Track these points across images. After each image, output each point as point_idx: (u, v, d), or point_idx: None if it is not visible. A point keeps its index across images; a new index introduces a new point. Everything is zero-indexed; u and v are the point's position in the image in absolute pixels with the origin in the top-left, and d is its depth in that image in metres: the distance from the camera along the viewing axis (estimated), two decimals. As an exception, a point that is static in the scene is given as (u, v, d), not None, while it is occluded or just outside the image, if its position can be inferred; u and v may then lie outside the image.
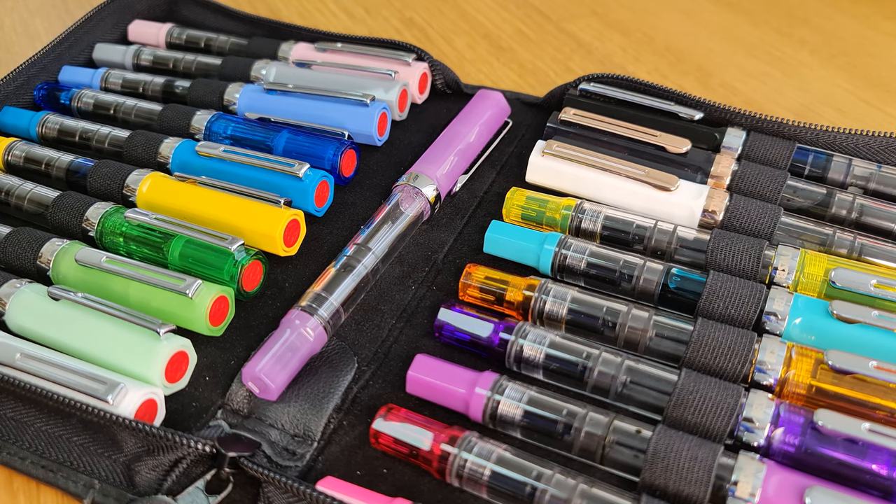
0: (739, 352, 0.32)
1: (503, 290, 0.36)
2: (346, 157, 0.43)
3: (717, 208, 0.38)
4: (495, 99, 0.47)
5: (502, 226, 0.39)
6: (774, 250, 0.36)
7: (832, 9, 0.62)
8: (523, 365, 0.33)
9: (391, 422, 0.31)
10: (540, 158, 0.42)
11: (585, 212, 0.39)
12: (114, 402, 0.31)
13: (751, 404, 0.30)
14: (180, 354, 0.34)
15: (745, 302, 0.34)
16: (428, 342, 0.36)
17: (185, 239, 0.37)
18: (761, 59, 0.57)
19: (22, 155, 0.44)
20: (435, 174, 0.41)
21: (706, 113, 0.43)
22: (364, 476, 0.31)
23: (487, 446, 0.29)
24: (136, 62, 0.52)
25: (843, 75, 0.55)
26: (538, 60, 0.57)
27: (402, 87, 0.47)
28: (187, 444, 0.30)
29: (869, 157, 0.41)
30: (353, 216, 0.42)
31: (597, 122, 0.43)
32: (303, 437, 0.32)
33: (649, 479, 0.28)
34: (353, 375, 0.34)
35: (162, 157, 0.43)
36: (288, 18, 0.63)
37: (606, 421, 0.30)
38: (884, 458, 0.28)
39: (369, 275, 0.37)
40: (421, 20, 0.62)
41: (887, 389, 0.30)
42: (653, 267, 0.36)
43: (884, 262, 0.36)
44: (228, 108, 0.47)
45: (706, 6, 0.63)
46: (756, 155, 0.41)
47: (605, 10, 0.63)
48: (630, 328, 0.34)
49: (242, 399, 0.33)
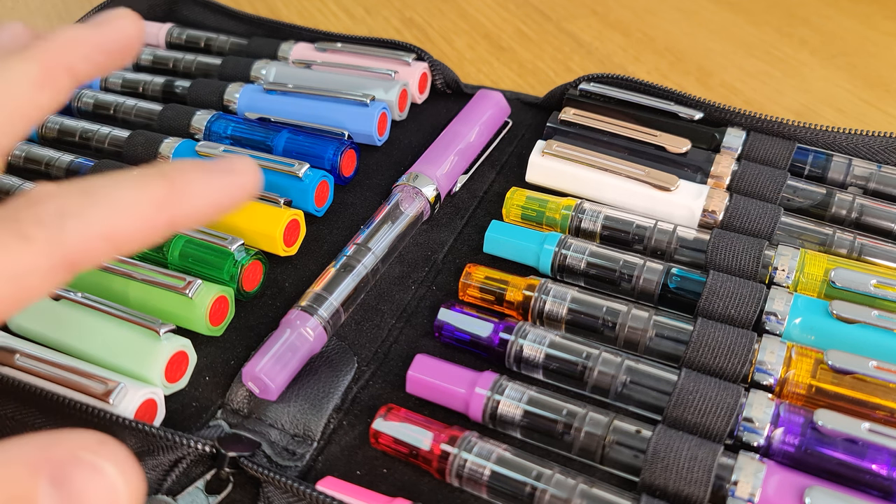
0: (739, 352, 0.32)
1: (503, 290, 0.36)
2: (346, 157, 0.43)
3: (717, 208, 0.38)
4: (495, 99, 0.47)
5: (502, 226, 0.39)
6: (774, 250, 0.36)
7: (832, 9, 0.62)
8: (523, 365, 0.33)
9: (391, 422, 0.31)
10: (540, 158, 0.42)
11: (585, 212, 0.39)
12: (114, 402, 0.31)
13: (751, 404, 0.30)
14: (180, 354, 0.34)
15: (745, 302, 0.34)
16: (428, 342, 0.36)
17: (185, 238, 0.37)
18: (761, 59, 0.57)
19: (22, 155, 0.44)
20: (435, 174, 0.41)
21: (706, 113, 0.43)
22: (364, 476, 0.31)
23: (487, 446, 0.29)
24: (136, 62, 0.52)
25: (843, 75, 0.55)
26: (538, 60, 0.57)
27: (401, 86, 0.47)
28: (187, 444, 0.30)
29: (869, 157, 0.41)
30: (353, 216, 0.42)
31: (597, 122, 0.43)
32: (303, 437, 0.32)
33: (649, 479, 0.28)
34: (353, 375, 0.34)
35: (162, 157, 0.43)
36: (288, 18, 0.63)
37: (606, 421, 0.30)
38: (884, 458, 0.28)
39: (369, 275, 0.37)
40: (421, 20, 0.62)
41: (887, 389, 0.30)
42: (653, 267, 0.36)
43: (884, 262, 0.36)
44: (228, 108, 0.47)
45: (706, 6, 0.63)
46: (756, 155, 0.41)
47: (605, 10, 0.63)
48: (630, 328, 0.34)
49: (242, 399, 0.33)
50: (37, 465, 0.18)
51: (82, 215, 0.22)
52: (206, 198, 0.24)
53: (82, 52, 0.27)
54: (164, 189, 0.23)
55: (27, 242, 0.21)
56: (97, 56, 0.27)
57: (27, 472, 0.18)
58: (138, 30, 0.28)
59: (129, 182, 0.23)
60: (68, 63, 0.27)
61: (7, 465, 0.18)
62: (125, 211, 0.22)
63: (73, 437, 0.19)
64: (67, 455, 0.19)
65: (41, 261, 0.21)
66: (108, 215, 0.22)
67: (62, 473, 0.18)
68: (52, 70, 0.26)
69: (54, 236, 0.21)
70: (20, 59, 0.26)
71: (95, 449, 0.19)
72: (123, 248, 0.23)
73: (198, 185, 0.24)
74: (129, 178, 0.23)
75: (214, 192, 0.24)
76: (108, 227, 0.22)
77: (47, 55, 0.26)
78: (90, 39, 0.27)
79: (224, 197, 0.25)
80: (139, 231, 0.23)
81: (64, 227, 0.21)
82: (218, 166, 0.25)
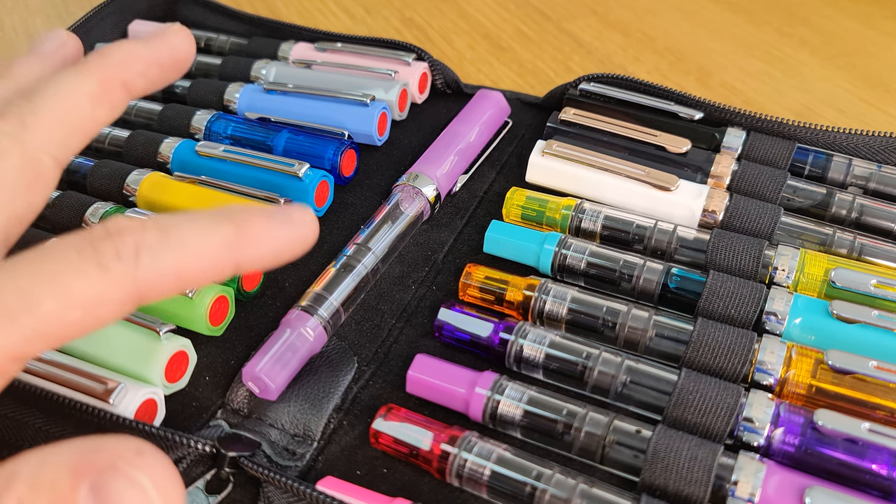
0: (739, 352, 0.32)
1: (503, 290, 0.36)
2: (346, 156, 0.43)
3: (717, 208, 0.38)
4: (495, 99, 0.47)
5: (502, 226, 0.39)
6: (774, 250, 0.36)
7: (832, 9, 0.62)
8: (523, 365, 0.33)
9: (391, 422, 0.31)
10: (540, 158, 0.42)
11: (585, 212, 0.39)
12: (114, 402, 0.31)
13: (751, 404, 0.30)
14: (180, 354, 0.34)
15: (745, 302, 0.34)
16: (428, 342, 0.36)
17: (185, 239, 0.37)
18: (761, 59, 0.57)
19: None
20: (435, 174, 0.41)
21: (706, 113, 0.43)
22: (364, 476, 0.31)
23: (487, 446, 0.29)
24: (136, 62, 0.52)
25: (843, 75, 0.55)
26: (538, 60, 0.57)
27: (402, 86, 0.47)
28: (187, 444, 0.30)
29: (869, 157, 0.41)
30: (353, 216, 0.42)
31: (597, 122, 0.43)
32: (303, 436, 0.32)
33: (649, 479, 0.28)
34: (353, 375, 0.34)
35: (162, 156, 0.43)
36: (288, 18, 0.63)
37: (606, 421, 0.30)
38: (884, 458, 0.28)
39: (369, 275, 0.37)
40: (421, 20, 0.62)
41: (887, 389, 0.30)
42: (653, 267, 0.36)
43: (884, 262, 0.36)
44: (228, 108, 0.47)
45: (706, 6, 0.63)
46: (756, 155, 0.41)
47: (605, 10, 0.63)
48: (630, 328, 0.34)
49: (242, 399, 0.33)
50: (79, 471, 0.19)
51: (158, 252, 0.23)
52: (268, 245, 0.25)
53: (138, 67, 0.28)
54: (232, 233, 0.24)
55: (105, 272, 0.22)
56: (152, 72, 0.28)
57: (70, 477, 0.19)
58: (191, 46, 0.29)
59: (201, 223, 0.24)
60: (124, 78, 0.27)
61: (52, 469, 0.19)
62: (196, 251, 0.23)
63: (114, 445, 0.19)
64: (107, 463, 0.19)
65: (115, 292, 0.22)
66: (180, 254, 0.23)
67: (100, 481, 0.19)
68: (109, 85, 0.27)
69: (130, 270, 0.22)
70: (78, 73, 0.27)
71: (132, 460, 0.19)
72: (190, 285, 0.24)
73: (262, 232, 0.25)
74: (201, 219, 0.24)
75: (276, 241, 0.25)
76: (180, 266, 0.23)
77: (105, 71, 0.27)
78: (145, 55, 0.28)
79: (285, 246, 0.26)
80: (206, 271, 0.24)
81: (140, 262, 0.22)
82: (282, 215, 0.26)
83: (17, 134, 0.25)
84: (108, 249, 0.22)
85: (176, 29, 0.29)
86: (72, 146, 0.26)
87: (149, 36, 0.29)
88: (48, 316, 0.21)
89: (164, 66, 0.28)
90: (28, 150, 0.25)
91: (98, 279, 0.22)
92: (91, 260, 0.22)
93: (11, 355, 0.21)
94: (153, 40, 0.28)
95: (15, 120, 0.25)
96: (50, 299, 0.21)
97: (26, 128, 0.25)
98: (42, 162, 0.25)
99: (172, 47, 0.29)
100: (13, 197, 0.24)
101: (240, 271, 0.25)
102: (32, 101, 0.26)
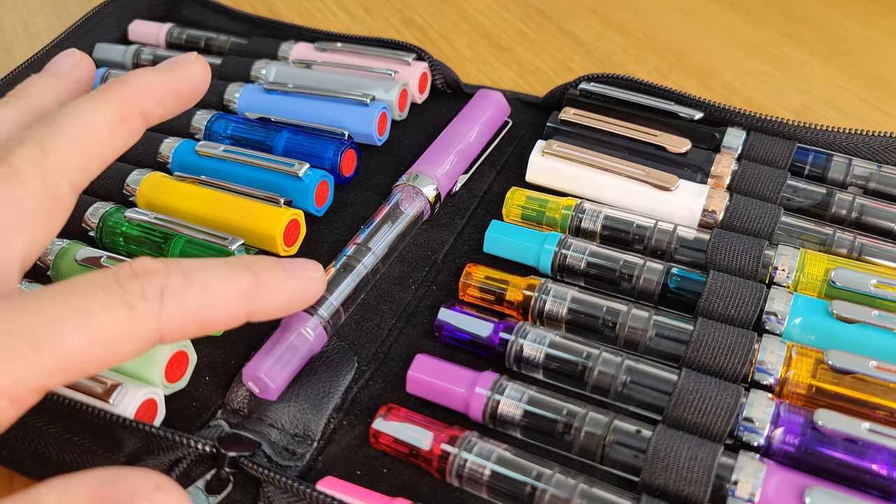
0: (739, 352, 0.32)
1: (503, 290, 0.36)
2: (346, 156, 0.43)
3: (717, 208, 0.38)
4: (495, 99, 0.47)
5: (502, 225, 0.39)
6: (774, 250, 0.36)
7: (832, 9, 0.62)
8: (523, 365, 0.33)
9: (391, 421, 0.31)
10: (540, 158, 0.42)
11: (585, 212, 0.39)
12: (114, 402, 0.31)
13: (751, 404, 0.30)
14: (180, 354, 0.34)
15: (745, 302, 0.34)
16: (428, 342, 0.36)
17: (185, 239, 0.37)
18: (761, 59, 0.57)
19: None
20: (435, 174, 0.41)
21: (706, 113, 0.43)
22: (364, 476, 0.31)
23: (487, 446, 0.29)
24: (136, 62, 0.52)
25: (843, 75, 0.55)
26: (538, 60, 0.57)
27: (402, 86, 0.47)
28: (187, 444, 0.30)
29: (869, 157, 0.41)
30: (353, 216, 0.42)
31: (597, 122, 0.43)
32: (303, 436, 0.32)
33: (649, 479, 0.28)
34: (353, 375, 0.34)
35: (162, 156, 0.43)
36: (288, 18, 0.63)
37: (606, 421, 0.30)
38: (884, 458, 0.28)
39: (369, 274, 0.37)
40: (421, 20, 0.62)
41: (887, 389, 0.30)
42: (653, 267, 0.36)
43: (884, 262, 0.36)
44: (228, 108, 0.47)
45: (706, 6, 0.63)
46: (756, 155, 0.41)
47: (605, 10, 0.63)
48: (630, 328, 0.34)
49: (242, 399, 0.33)
50: (98, 501, 0.19)
51: (181, 295, 0.23)
52: (281, 296, 0.27)
53: (156, 96, 0.29)
54: (250, 282, 0.25)
55: (131, 311, 0.22)
56: (169, 101, 0.29)
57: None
58: (207, 75, 0.30)
59: (222, 270, 0.25)
60: (143, 107, 0.28)
61: (73, 499, 0.19)
62: (216, 297, 0.24)
63: (133, 478, 0.20)
64: (125, 496, 0.19)
65: (139, 331, 0.23)
66: (201, 299, 0.24)
67: None
68: (128, 113, 0.28)
69: (154, 311, 0.23)
70: (98, 100, 0.27)
71: (150, 494, 0.20)
72: (207, 329, 0.25)
73: (277, 284, 0.26)
74: (222, 266, 0.25)
75: (289, 293, 0.27)
76: (200, 310, 0.24)
77: (124, 99, 0.28)
78: (163, 84, 0.29)
79: (296, 298, 0.28)
80: (224, 316, 0.25)
81: (164, 305, 0.23)
82: (295, 269, 0.27)
83: (37, 160, 0.25)
84: (134, 289, 0.23)
85: (193, 58, 0.30)
86: (90, 172, 0.27)
87: (166, 64, 0.29)
88: (72, 350, 0.21)
89: (182, 95, 0.29)
90: (48, 176, 0.25)
91: (123, 318, 0.22)
92: (118, 298, 0.22)
93: (33, 387, 0.21)
94: (171, 69, 0.29)
95: (36, 146, 0.25)
96: (75, 334, 0.21)
97: (46, 154, 0.25)
98: (61, 188, 0.26)
99: (190, 77, 0.29)
100: (34, 223, 0.25)
101: (252, 319, 0.26)
102: (52, 128, 0.26)
